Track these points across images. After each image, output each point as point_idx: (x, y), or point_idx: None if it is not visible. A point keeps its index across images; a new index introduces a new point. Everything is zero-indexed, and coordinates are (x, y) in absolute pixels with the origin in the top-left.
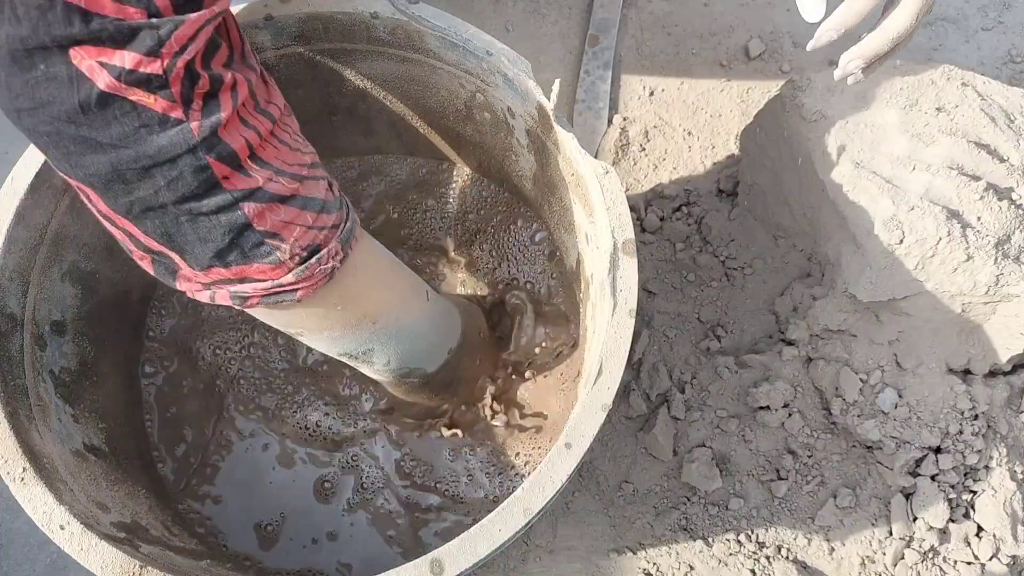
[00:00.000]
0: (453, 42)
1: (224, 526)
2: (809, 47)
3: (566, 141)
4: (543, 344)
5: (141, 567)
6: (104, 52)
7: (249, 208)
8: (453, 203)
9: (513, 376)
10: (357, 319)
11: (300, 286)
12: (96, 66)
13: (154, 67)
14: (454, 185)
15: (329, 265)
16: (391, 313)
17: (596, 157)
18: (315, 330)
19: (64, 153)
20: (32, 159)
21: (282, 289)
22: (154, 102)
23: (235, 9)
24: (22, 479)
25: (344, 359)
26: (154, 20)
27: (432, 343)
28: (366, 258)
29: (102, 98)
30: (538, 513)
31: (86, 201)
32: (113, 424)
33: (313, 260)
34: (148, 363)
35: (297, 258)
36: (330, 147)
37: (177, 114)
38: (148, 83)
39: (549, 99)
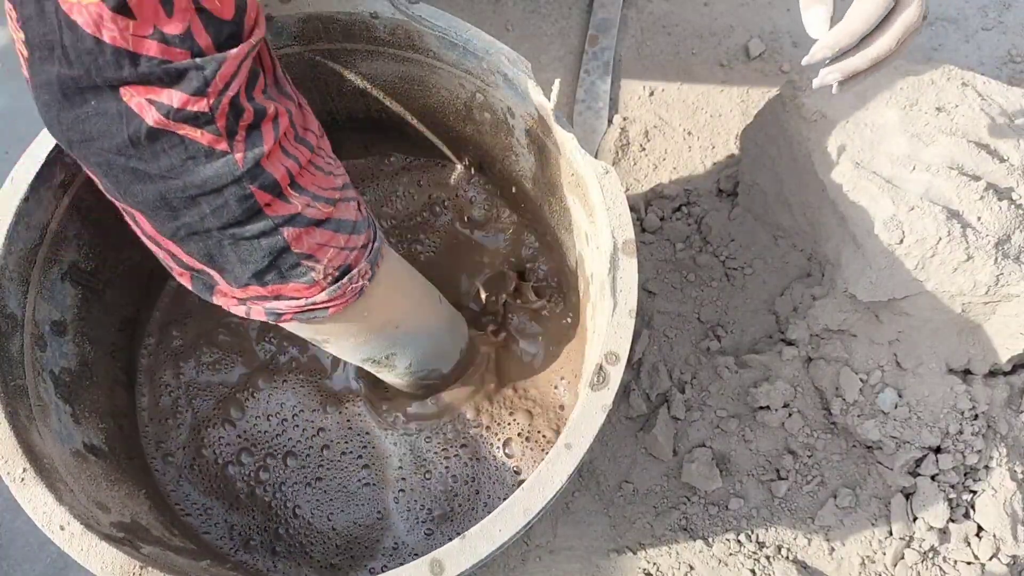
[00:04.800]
0: (453, 42)
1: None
2: (804, 62)
3: (566, 141)
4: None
5: (141, 567)
6: (152, 91)
7: (288, 232)
8: (452, 203)
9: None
10: (380, 325)
11: (332, 304)
12: (145, 103)
13: (200, 105)
14: (454, 185)
15: (359, 284)
16: (411, 318)
17: (596, 157)
18: (341, 339)
19: (114, 181)
20: (33, 159)
21: (315, 307)
22: (201, 136)
23: None
24: (22, 479)
25: (367, 365)
26: (198, 60)
27: (447, 343)
28: (389, 270)
29: (151, 133)
30: (538, 513)
31: (132, 224)
32: (113, 424)
33: (345, 279)
34: (149, 361)
35: (330, 278)
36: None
37: (222, 147)
38: (195, 119)
39: (549, 99)
